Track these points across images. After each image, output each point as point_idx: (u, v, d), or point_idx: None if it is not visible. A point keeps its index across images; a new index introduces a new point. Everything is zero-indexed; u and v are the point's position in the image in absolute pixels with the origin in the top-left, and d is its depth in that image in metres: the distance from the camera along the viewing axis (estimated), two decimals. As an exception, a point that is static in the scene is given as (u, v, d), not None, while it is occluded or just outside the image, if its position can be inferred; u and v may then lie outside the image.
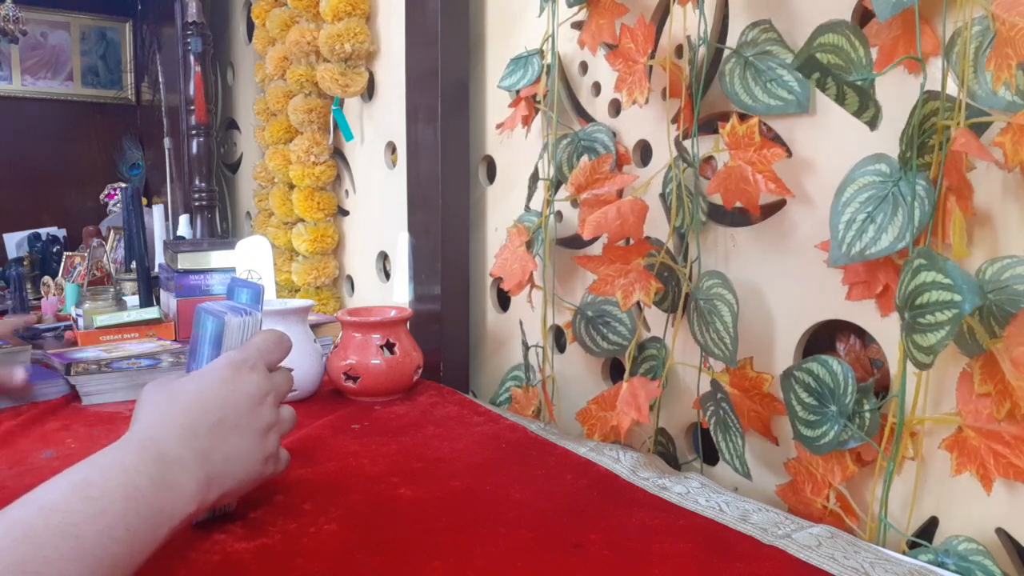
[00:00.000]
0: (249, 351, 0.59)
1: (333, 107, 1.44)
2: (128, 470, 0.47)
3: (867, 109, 0.58)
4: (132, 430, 0.52)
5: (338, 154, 1.50)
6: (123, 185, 2.50)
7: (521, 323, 1.03)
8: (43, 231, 2.44)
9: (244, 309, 0.61)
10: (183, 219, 1.90)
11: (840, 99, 0.58)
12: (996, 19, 0.51)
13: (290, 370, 0.64)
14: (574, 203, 0.91)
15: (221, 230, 1.99)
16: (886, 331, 0.63)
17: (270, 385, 0.59)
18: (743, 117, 0.68)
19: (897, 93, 0.60)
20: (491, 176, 1.11)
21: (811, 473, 0.66)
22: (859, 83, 0.57)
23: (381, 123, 1.35)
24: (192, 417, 0.53)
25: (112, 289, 1.53)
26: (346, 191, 1.50)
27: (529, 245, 0.91)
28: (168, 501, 0.48)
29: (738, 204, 0.69)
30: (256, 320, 0.61)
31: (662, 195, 0.81)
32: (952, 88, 0.55)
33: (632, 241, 0.77)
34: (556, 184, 0.91)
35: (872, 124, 0.59)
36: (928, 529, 0.61)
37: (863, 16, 0.63)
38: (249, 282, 0.64)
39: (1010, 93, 0.52)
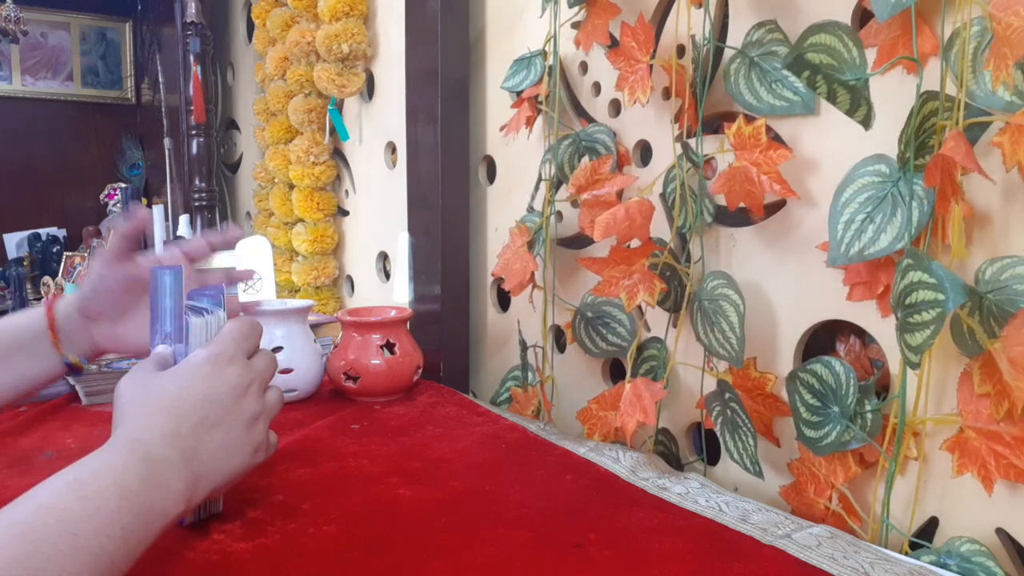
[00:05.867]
0: (224, 343, 0.57)
1: (329, 107, 1.44)
2: (118, 470, 0.47)
3: (859, 108, 0.58)
4: (116, 433, 0.51)
5: (338, 154, 1.50)
6: (123, 185, 2.49)
7: (519, 323, 1.03)
8: (43, 231, 2.44)
9: (204, 309, 0.60)
10: (183, 219, 1.90)
11: (832, 98, 0.59)
12: (993, 19, 0.51)
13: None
14: (574, 203, 0.91)
15: (221, 230, 1.98)
16: (887, 331, 0.63)
17: (251, 374, 0.58)
18: (749, 118, 0.68)
19: (898, 93, 0.60)
20: (491, 176, 1.11)
21: (814, 474, 0.66)
22: (852, 82, 0.58)
23: (381, 123, 1.35)
24: (174, 417, 0.52)
25: (112, 289, 1.52)
26: (346, 191, 1.50)
27: (530, 245, 0.91)
28: (158, 500, 0.48)
29: (740, 204, 0.69)
30: (219, 319, 0.60)
31: (663, 195, 0.81)
32: (951, 88, 0.55)
33: (640, 242, 0.77)
34: (557, 184, 0.91)
35: (865, 123, 0.59)
36: (928, 529, 0.61)
37: (863, 16, 0.63)
38: (204, 289, 0.62)
39: (1008, 93, 0.52)
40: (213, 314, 0.60)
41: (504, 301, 1.09)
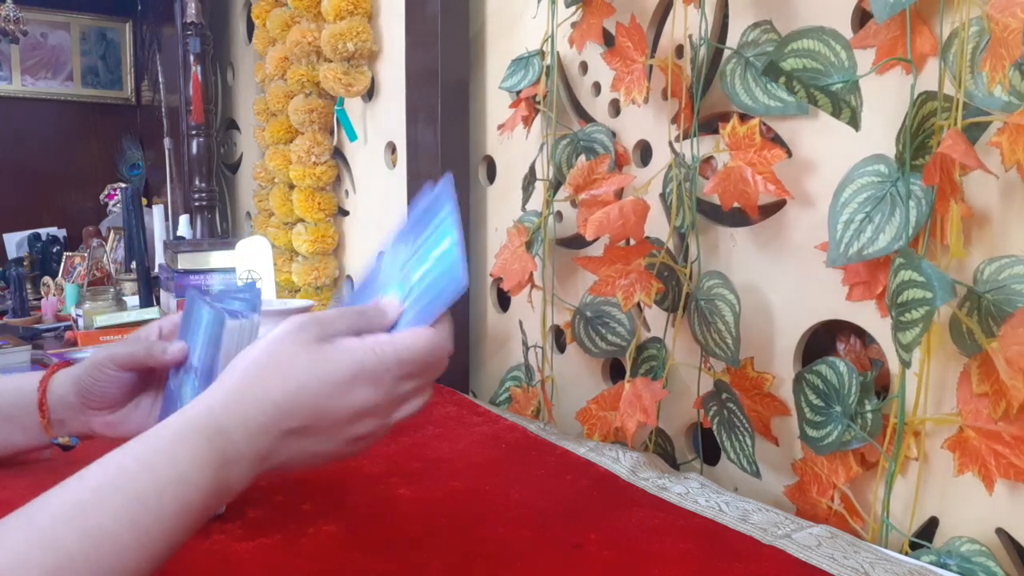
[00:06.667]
0: (387, 362, 0.46)
1: (336, 107, 1.44)
2: (185, 483, 0.40)
3: (842, 110, 0.59)
4: (209, 398, 0.44)
5: (338, 154, 1.50)
6: (123, 185, 2.50)
7: (521, 323, 1.03)
8: (43, 231, 2.44)
9: (238, 312, 0.57)
10: (183, 219, 1.90)
11: (812, 101, 0.59)
12: (990, 20, 0.51)
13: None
14: (573, 203, 0.91)
15: (221, 230, 1.98)
16: (886, 331, 0.63)
17: (388, 406, 0.48)
18: (744, 118, 0.68)
19: (897, 93, 0.60)
20: (491, 176, 1.11)
21: (816, 474, 0.66)
22: (834, 86, 0.58)
23: (381, 123, 1.35)
24: (274, 416, 0.44)
25: (112, 289, 1.53)
26: (346, 191, 1.50)
27: (529, 245, 0.91)
28: (213, 506, 0.43)
29: (735, 204, 0.69)
30: (254, 324, 0.56)
31: (662, 195, 0.81)
32: (950, 88, 0.55)
33: (633, 241, 0.77)
34: (556, 184, 0.91)
35: (853, 125, 0.59)
36: (928, 529, 0.61)
37: (863, 16, 0.63)
38: (243, 287, 0.60)
39: (1005, 94, 0.52)
40: (248, 318, 0.56)
41: (504, 301, 1.09)
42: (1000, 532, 0.56)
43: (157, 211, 2.13)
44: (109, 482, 0.39)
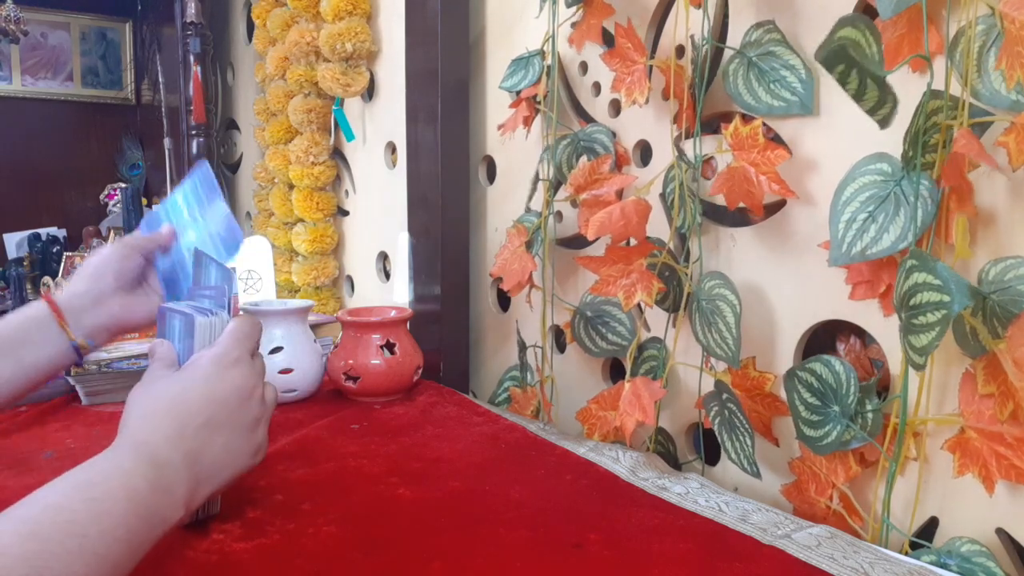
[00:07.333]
0: (227, 343, 0.57)
1: (334, 107, 1.44)
2: (126, 473, 0.47)
3: (884, 105, 0.57)
4: (122, 435, 0.51)
5: (338, 154, 1.50)
6: (123, 185, 2.49)
7: (517, 323, 1.03)
8: (43, 231, 2.44)
9: (208, 310, 0.60)
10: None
11: (860, 94, 0.57)
12: (1004, 18, 0.50)
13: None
14: (574, 203, 0.91)
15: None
16: (887, 331, 0.63)
17: (255, 377, 0.58)
18: (746, 118, 0.68)
19: (901, 92, 0.60)
20: (491, 176, 1.10)
21: (815, 473, 0.66)
22: (886, 79, 0.56)
23: (381, 123, 1.35)
24: (178, 417, 0.52)
25: (112, 289, 1.52)
26: (346, 191, 1.50)
27: (529, 245, 0.91)
28: (163, 504, 0.48)
29: (740, 204, 0.69)
30: (223, 320, 0.60)
31: (662, 195, 0.81)
32: (956, 87, 0.55)
33: (635, 241, 0.77)
34: (556, 184, 0.91)
35: (884, 122, 0.58)
36: (928, 529, 0.61)
37: (864, 13, 0.63)
38: (206, 289, 0.64)
39: (1016, 93, 0.52)
40: (217, 315, 0.59)
41: (504, 301, 1.09)
42: (1000, 532, 0.56)
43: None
44: (73, 482, 0.45)
